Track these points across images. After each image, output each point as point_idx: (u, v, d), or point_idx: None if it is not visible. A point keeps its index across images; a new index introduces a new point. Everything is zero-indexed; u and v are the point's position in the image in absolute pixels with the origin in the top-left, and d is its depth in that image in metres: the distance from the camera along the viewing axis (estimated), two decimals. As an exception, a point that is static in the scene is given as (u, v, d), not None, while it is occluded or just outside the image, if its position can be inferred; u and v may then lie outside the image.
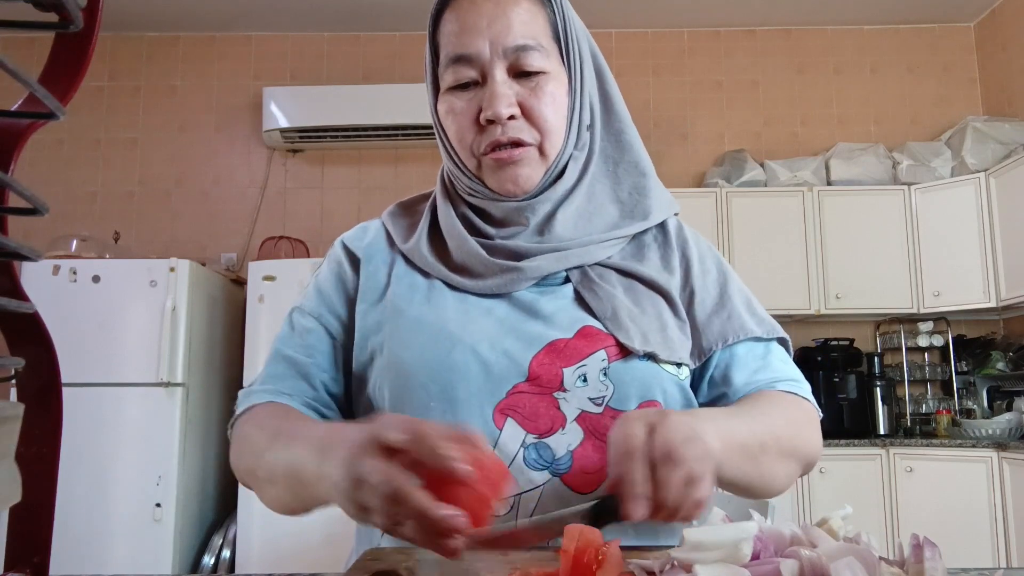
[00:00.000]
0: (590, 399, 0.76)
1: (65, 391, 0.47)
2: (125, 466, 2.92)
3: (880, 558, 0.49)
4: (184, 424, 2.99)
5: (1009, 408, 3.34)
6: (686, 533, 0.50)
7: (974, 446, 3.06)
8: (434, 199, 0.90)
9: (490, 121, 0.78)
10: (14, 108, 0.41)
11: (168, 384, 2.96)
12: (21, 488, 0.40)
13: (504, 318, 0.80)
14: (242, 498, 3.01)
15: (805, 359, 3.54)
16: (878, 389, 3.45)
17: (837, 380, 3.42)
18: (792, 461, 0.77)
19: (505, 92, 0.78)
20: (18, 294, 0.44)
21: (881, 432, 3.41)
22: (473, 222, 0.85)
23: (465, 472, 0.50)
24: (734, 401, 0.82)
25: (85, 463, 2.88)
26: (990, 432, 3.18)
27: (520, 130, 0.79)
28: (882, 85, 3.98)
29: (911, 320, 3.63)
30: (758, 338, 0.84)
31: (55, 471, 0.46)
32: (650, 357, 0.78)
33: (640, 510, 0.56)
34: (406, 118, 3.66)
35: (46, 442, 0.46)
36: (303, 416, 0.79)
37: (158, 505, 2.90)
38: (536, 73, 0.79)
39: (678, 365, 0.80)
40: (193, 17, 3.85)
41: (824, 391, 3.40)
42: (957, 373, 3.60)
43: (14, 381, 0.45)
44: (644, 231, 0.88)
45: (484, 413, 0.75)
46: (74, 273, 3.01)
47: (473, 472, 0.50)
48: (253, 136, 3.91)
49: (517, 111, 0.78)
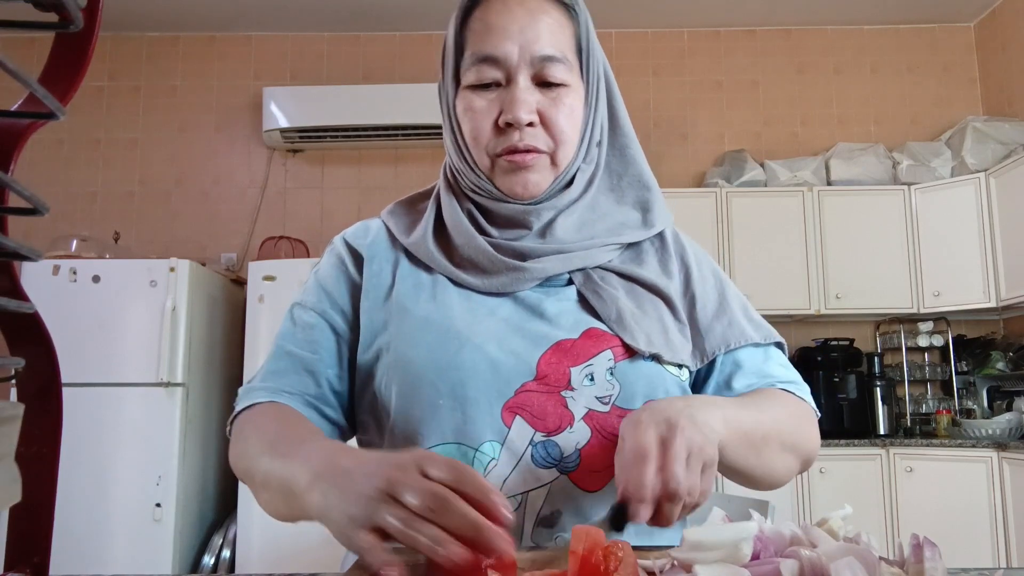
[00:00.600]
0: (597, 398, 0.78)
1: (65, 391, 0.47)
2: (125, 466, 2.92)
3: (880, 558, 0.49)
4: (184, 424, 2.99)
5: (1009, 408, 3.34)
6: (686, 533, 0.50)
7: (974, 446, 3.06)
8: (437, 194, 0.91)
9: (509, 124, 0.79)
10: (14, 108, 0.41)
11: (168, 384, 2.96)
12: (21, 488, 0.40)
13: (509, 317, 0.81)
14: (242, 498, 3.01)
15: (805, 359, 3.54)
16: (878, 389, 3.45)
17: (837, 380, 3.42)
18: (792, 455, 0.80)
19: (527, 99, 0.79)
20: (18, 294, 0.44)
21: (881, 432, 3.41)
22: (477, 220, 0.85)
23: (505, 516, 0.51)
24: None
25: (85, 463, 2.88)
26: (990, 432, 3.18)
27: (536, 137, 0.80)
28: (882, 85, 3.98)
29: (911, 320, 3.63)
30: (757, 343, 0.87)
31: (55, 471, 0.46)
32: (654, 358, 0.80)
33: (647, 513, 0.58)
34: (406, 118, 3.66)
35: (46, 442, 0.46)
36: (302, 421, 0.78)
37: (158, 505, 2.90)
38: (558, 85, 0.81)
39: (679, 366, 0.83)
40: (193, 17, 3.85)
41: (824, 391, 3.40)
42: (957, 373, 3.60)
43: (14, 381, 0.45)
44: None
45: (493, 411, 0.76)
46: (74, 273, 3.01)
47: (511, 517, 0.51)
48: (253, 136, 3.91)
49: (536, 118, 0.80)
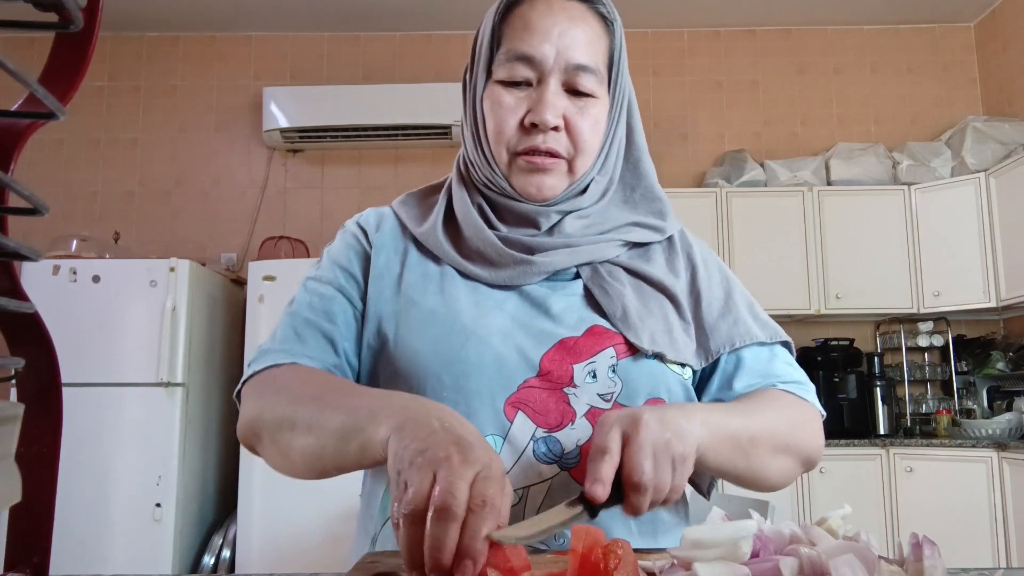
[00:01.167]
0: (599, 395, 0.78)
1: (65, 391, 0.47)
2: (125, 466, 2.92)
3: (879, 557, 0.49)
4: (184, 424, 2.99)
5: (1009, 408, 3.34)
6: (686, 532, 0.50)
7: (974, 446, 3.06)
8: (449, 186, 0.91)
9: (534, 125, 0.80)
10: (14, 108, 0.41)
11: (168, 384, 2.96)
12: (21, 488, 0.40)
13: (515, 312, 0.82)
14: (242, 498, 3.01)
15: (805, 359, 3.54)
16: (878, 389, 3.45)
17: (837, 380, 3.42)
18: (787, 457, 0.79)
19: (556, 103, 0.80)
20: (18, 294, 0.44)
21: (881, 432, 3.41)
22: (486, 214, 0.86)
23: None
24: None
25: (85, 463, 2.88)
26: (990, 432, 3.18)
27: (558, 142, 0.81)
28: (882, 85, 3.98)
29: (911, 320, 3.63)
30: (762, 342, 0.86)
31: (55, 471, 0.46)
32: (657, 357, 0.80)
33: (602, 493, 0.59)
34: (406, 118, 3.66)
35: (46, 442, 0.46)
36: (342, 379, 0.79)
37: (158, 505, 2.90)
38: (586, 95, 0.81)
39: (682, 365, 0.83)
40: (193, 17, 3.85)
41: (824, 391, 3.40)
42: (957, 373, 3.60)
43: (14, 381, 0.45)
44: None
45: (496, 405, 0.76)
46: (74, 273, 3.01)
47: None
48: (253, 136, 3.91)
49: (561, 123, 0.81)
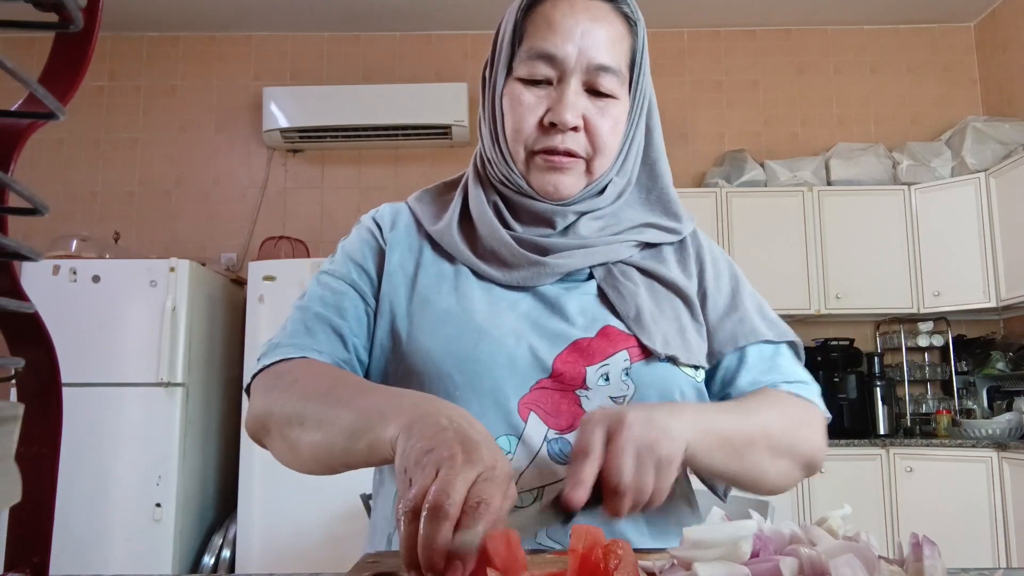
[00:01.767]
0: (612, 398, 0.78)
1: (65, 391, 0.47)
2: (125, 466, 2.92)
3: (879, 557, 0.49)
4: (184, 424, 2.99)
5: (1009, 408, 3.34)
6: (686, 531, 0.50)
7: (974, 446, 3.06)
8: (465, 183, 0.91)
9: (553, 125, 0.80)
10: (14, 108, 0.41)
11: (168, 384, 2.96)
12: (21, 488, 0.40)
13: (528, 313, 0.81)
14: (242, 498, 3.01)
15: (805, 359, 3.53)
16: (878, 389, 3.44)
17: (837, 380, 3.42)
18: (785, 459, 0.78)
19: (576, 103, 0.79)
20: (18, 294, 0.44)
21: (881, 432, 3.41)
22: (502, 213, 0.86)
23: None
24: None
25: (85, 463, 2.88)
26: (990, 432, 3.18)
27: (577, 142, 0.81)
28: (882, 85, 3.98)
29: (911, 320, 3.63)
30: (768, 341, 0.86)
31: (55, 471, 0.46)
32: (670, 360, 0.80)
33: (581, 496, 0.59)
34: (406, 118, 3.66)
35: (46, 442, 0.46)
36: (354, 375, 0.78)
37: (158, 505, 2.90)
38: (607, 95, 0.81)
39: (695, 367, 0.82)
40: (193, 17, 3.85)
41: (824, 391, 3.36)
42: (957, 373, 3.60)
43: (14, 381, 0.45)
44: None
45: (508, 406, 0.76)
46: (74, 273, 3.01)
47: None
48: (253, 136, 3.91)
49: (581, 123, 0.80)
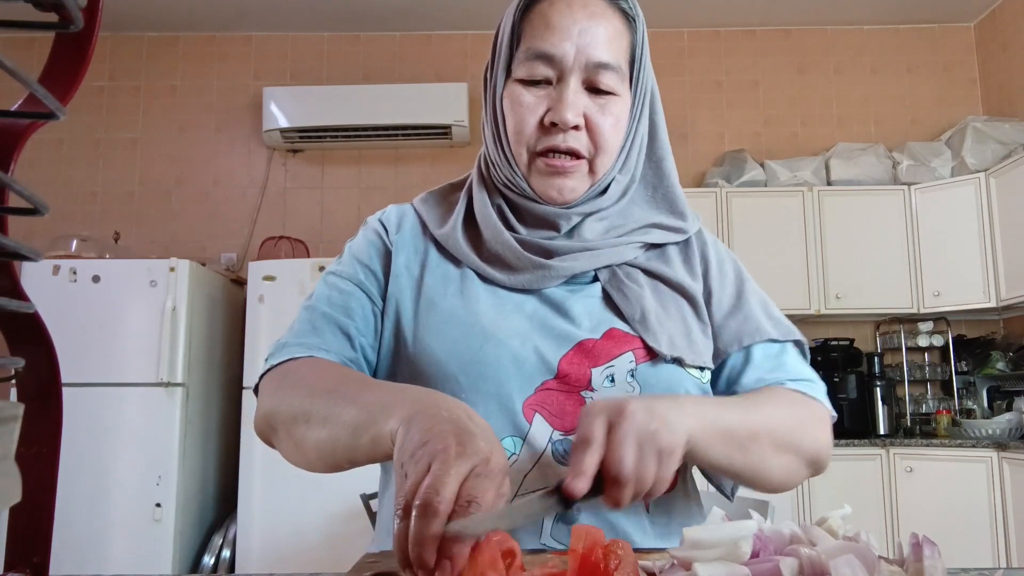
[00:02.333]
0: None
1: (65, 391, 0.47)
2: (125, 466, 2.92)
3: (879, 557, 0.49)
4: (184, 424, 2.99)
5: (1009, 408, 3.34)
6: (686, 532, 0.50)
7: (974, 446, 3.06)
8: (470, 186, 0.90)
9: (554, 124, 0.79)
10: (14, 108, 0.41)
11: (168, 384, 2.96)
12: (21, 488, 0.40)
13: (534, 315, 0.81)
14: (242, 498, 3.01)
15: (805, 359, 3.54)
16: (878, 389, 3.44)
17: (837, 380, 3.42)
18: (789, 455, 0.77)
19: (576, 101, 0.79)
20: (18, 294, 0.44)
21: (881, 432, 3.41)
22: (506, 216, 0.85)
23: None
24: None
25: (85, 463, 2.88)
26: (990, 432, 3.18)
27: (579, 141, 0.80)
28: (882, 85, 3.98)
29: (911, 320, 3.63)
30: (774, 340, 0.85)
31: (55, 471, 0.46)
32: (676, 361, 0.79)
33: (582, 487, 0.58)
34: (406, 118, 3.66)
35: (46, 442, 0.46)
36: (358, 372, 0.78)
37: (158, 505, 2.90)
38: (607, 93, 0.80)
39: (701, 368, 0.82)
40: (193, 17, 3.85)
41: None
42: (957, 373, 3.60)
43: (14, 381, 0.45)
44: None
45: (513, 407, 0.76)
46: (74, 273, 3.01)
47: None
48: (253, 136, 3.91)
49: (582, 122, 0.80)
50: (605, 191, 0.85)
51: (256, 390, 0.81)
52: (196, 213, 3.87)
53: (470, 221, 0.88)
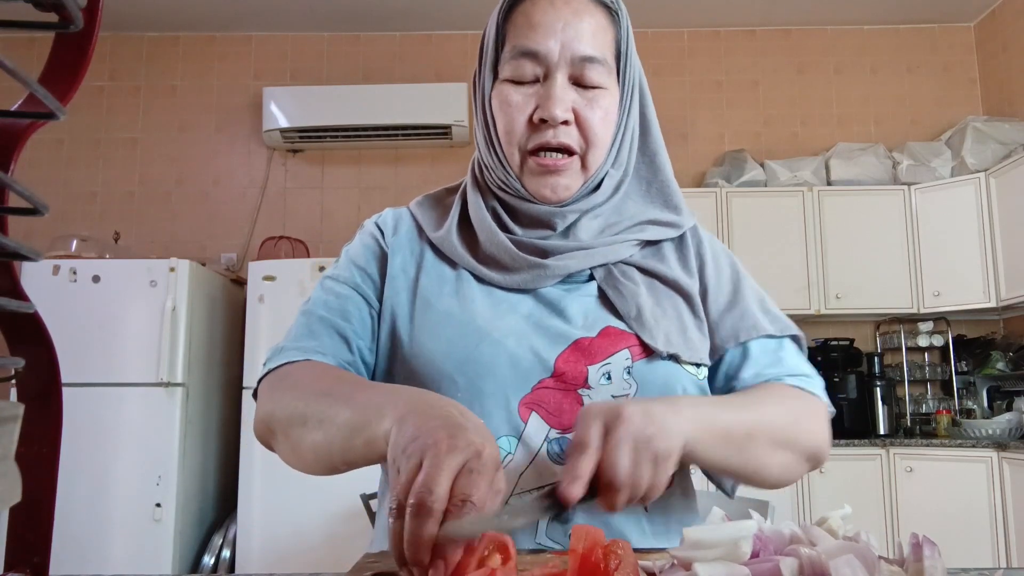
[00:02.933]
0: (614, 397, 0.77)
1: (65, 391, 0.47)
2: (125, 466, 2.92)
3: (879, 557, 0.49)
4: (184, 424, 2.99)
5: (1009, 408, 3.34)
6: (686, 532, 0.50)
7: (974, 446, 3.06)
8: (464, 189, 0.91)
9: (543, 121, 0.79)
10: (14, 108, 0.41)
11: (168, 384, 2.96)
12: (21, 488, 0.40)
13: (529, 314, 0.81)
14: (242, 498, 3.01)
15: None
16: (878, 389, 3.44)
17: (837, 380, 3.42)
18: (788, 452, 0.77)
19: (564, 97, 0.79)
20: (18, 294, 0.44)
21: (881, 432, 3.41)
22: (501, 217, 0.86)
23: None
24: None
25: (85, 463, 2.88)
26: (990, 432, 3.18)
27: (569, 136, 0.80)
28: (882, 85, 3.98)
29: (911, 320, 3.63)
30: (771, 335, 0.85)
31: (55, 471, 0.46)
32: (672, 358, 0.80)
33: (577, 492, 0.58)
34: (406, 118, 3.66)
35: (46, 442, 0.46)
36: (353, 374, 0.79)
37: (158, 505, 2.90)
38: (595, 87, 0.81)
39: (697, 365, 0.82)
40: (193, 17, 3.85)
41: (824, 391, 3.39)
42: (957, 373, 3.60)
43: (14, 381, 0.45)
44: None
45: (510, 406, 0.76)
46: (74, 273, 3.01)
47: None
48: (253, 136, 3.91)
49: (571, 117, 0.80)
50: (598, 187, 0.85)
51: (255, 395, 0.82)
52: (196, 213, 3.88)
53: (465, 223, 0.88)
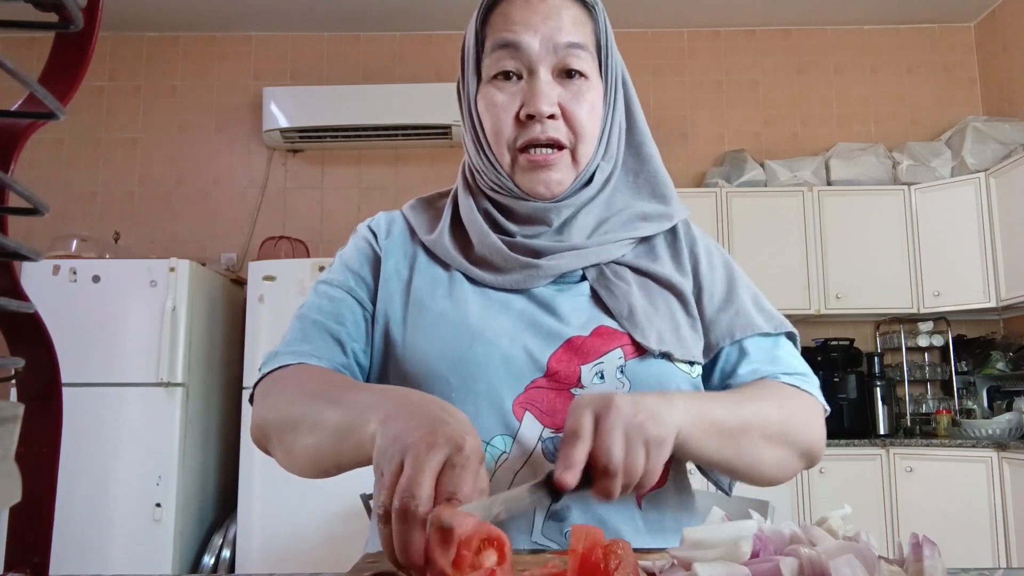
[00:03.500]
0: None
1: (65, 391, 0.47)
2: (125, 466, 2.92)
3: (879, 557, 0.49)
4: (184, 424, 2.99)
5: (1009, 408, 3.34)
6: (686, 531, 0.50)
7: (974, 446, 3.06)
8: (455, 193, 0.91)
9: (530, 117, 0.80)
10: (14, 108, 0.41)
11: (168, 384, 2.96)
12: (21, 488, 0.40)
13: (522, 314, 0.82)
14: (242, 498, 3.01)
15: (805, 359, 3.53)
16: (878, 389, 3.44)
17: (837, 380, 3.42)
18: (783, 448, 0.77)
19: (549, 91, 0.80)
20: (18, 294, 0.44)
21: (881, 432, 3.41)
22: (495, 218, 0.86)
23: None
24: None
25: (85, 463, 2.88)
26: (990, 432, 3.18)
27: (557, 130, 0.81)
28: (882, 85, 3.98)
29: (911, 320, 3.63)
30: (766, 333, 0.86)
31: (55, 471, 0.46)
32: (665, 356, 0.80)
33: (572, 479, 0.58)
34: (406, 118, 3.66)
35: (46, 442, 0.46)
36: (344, 376, 0.79)
37: (158, 505, 2.90)
38: (579, 75, 0.81)
39: (690, 363, 0.82)
40: (193, 17, 3.85)
41: (824, 391, 3.36)
42: (957, 373, 3.60)
43: (14, 381, 0.45)
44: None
45: (503, 406, 0.76)
46: (74, 273, 3.01)
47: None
48: (253, 136, 3.91)
49: (558, 111, 0.80)
50: (590, 181, 0.85)
51: (251, 400, 0.82)
52: (196, 213, 3.87)
53: (457, 226, 0.88)
